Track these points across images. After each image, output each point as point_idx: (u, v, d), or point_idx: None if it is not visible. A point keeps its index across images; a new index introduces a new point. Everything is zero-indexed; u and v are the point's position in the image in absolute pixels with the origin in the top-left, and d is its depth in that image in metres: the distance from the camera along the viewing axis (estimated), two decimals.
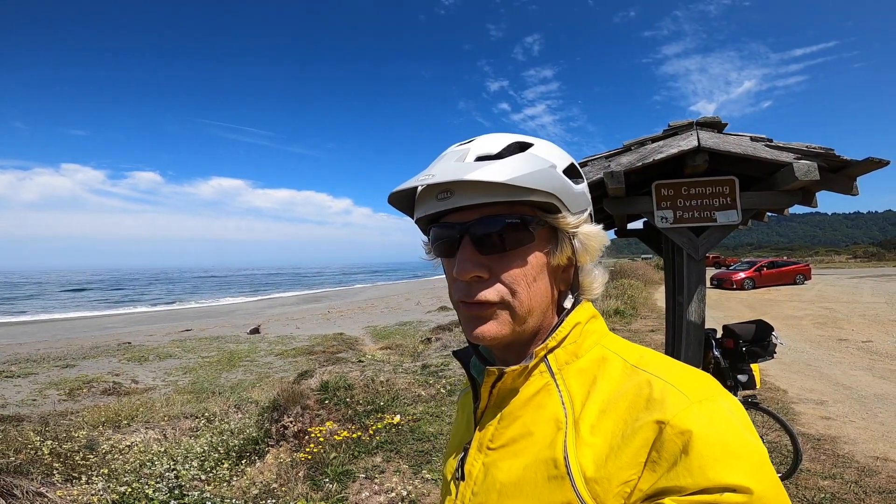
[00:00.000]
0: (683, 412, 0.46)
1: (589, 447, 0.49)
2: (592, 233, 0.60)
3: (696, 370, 0.53)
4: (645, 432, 0.46)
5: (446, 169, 0.55)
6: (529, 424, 0.56)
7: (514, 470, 0.54)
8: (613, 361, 0.56)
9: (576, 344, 0.58)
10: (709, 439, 0.44)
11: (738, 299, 16.76)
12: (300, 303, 31.64)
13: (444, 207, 0.56)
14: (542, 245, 0.58)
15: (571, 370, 0.57)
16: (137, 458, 4.01)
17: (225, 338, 14.79)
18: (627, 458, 0.46)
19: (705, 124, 2.89)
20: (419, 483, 3.52)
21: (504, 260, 0.56)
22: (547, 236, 0.58)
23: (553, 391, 0.56)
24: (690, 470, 0.43)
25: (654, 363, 0.53)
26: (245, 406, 6.03)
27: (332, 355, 10.70)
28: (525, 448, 0.55)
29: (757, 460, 0.43)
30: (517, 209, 0.56)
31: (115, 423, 5.34)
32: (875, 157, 2.35)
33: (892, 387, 5.75)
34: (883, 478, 3.51)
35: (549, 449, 0.52)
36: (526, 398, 0.58)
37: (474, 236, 0.56)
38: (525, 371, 0.58)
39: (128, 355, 11.80)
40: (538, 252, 0.57)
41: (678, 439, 0.44)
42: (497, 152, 0.57)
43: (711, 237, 3.36)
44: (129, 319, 23.92)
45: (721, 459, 0.42)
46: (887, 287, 18.08)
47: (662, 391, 0.48)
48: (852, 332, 9.41)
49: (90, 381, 8.78)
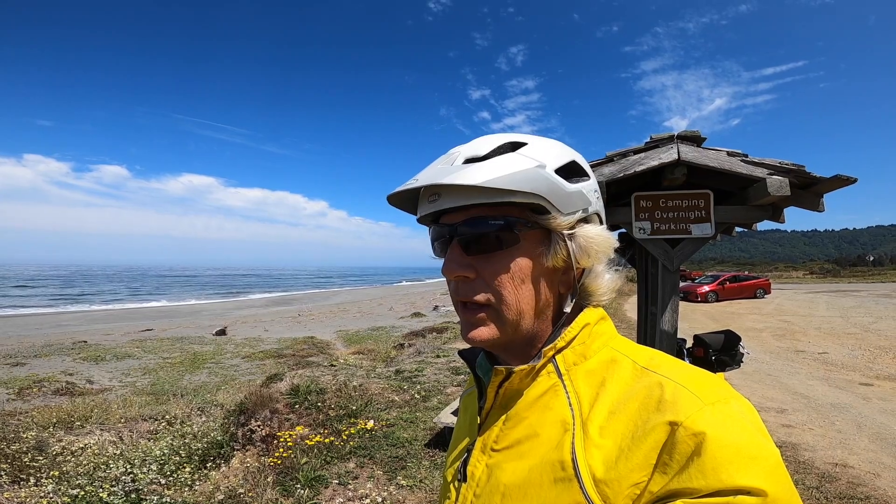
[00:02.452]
0: (696, 414, 0.45)
1: (598, 448, 0.48)
2: (594, 235, 0.58)
3: (706, 372, 0.52)
4: (656, 434, 0.46)
5: (431, 173, 0.56)
6: (536, 426, 0.55)
7: (519, 472, 0.53)
8: (623, 363, 0.55)
9: (584, 345, 0.57)
10: (722, 441, 0.43)
11: (702, 311, 17.33)
12: (270, 305, 30.91)
13: (434, 209, 0.57)
14: (531, 247, 0.57)
15: (580, 371, 0.56)
16: (91, 461, 3.80)
17: (189, 339, 14.28)
18: (638, 460, 0.46)
19: (686, 138, 2.98)
20: (394, 489, 3.46)
21: (489, 261, 0.56)
22: (539, 238, 0.57)
23: (560, 392, 0.55)
24: (703, 472, 0.42)
25: (665, 365, 0.53)
26: (209, 409, 5.82)
27: (303, 359, 10.46)
28: (531, 450, 0.54)
29: (772, 463, 0.43)
30: (503, 210, 0.56)
31: (68, 425, 5.05)
32: (843, 175, 2.46)
33: (848, 396, 6.02)
34: (843, 483, 3.65)
35: (556, 451, 0.51)
36: (533, 399, 0.57)
37: (461, 237, 0.57)
38: (533, 371, 0.57)
39: (83, 354, 11.24)
40: (526, 254, 0.56)
41: (691, 441, 0.44)
42: (484, 154, 0.56)
43: (686, 249, 3.45)
44: (86, 317, 22.82)
45: (735, 461, 0.42)
46: (842, 302, 19.02)
47: (674, 393, 0.48)
48: (809, 344, 9.84)
49: (41, 381, 8.31)
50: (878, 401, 5.79)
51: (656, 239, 3.38)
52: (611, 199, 3.29)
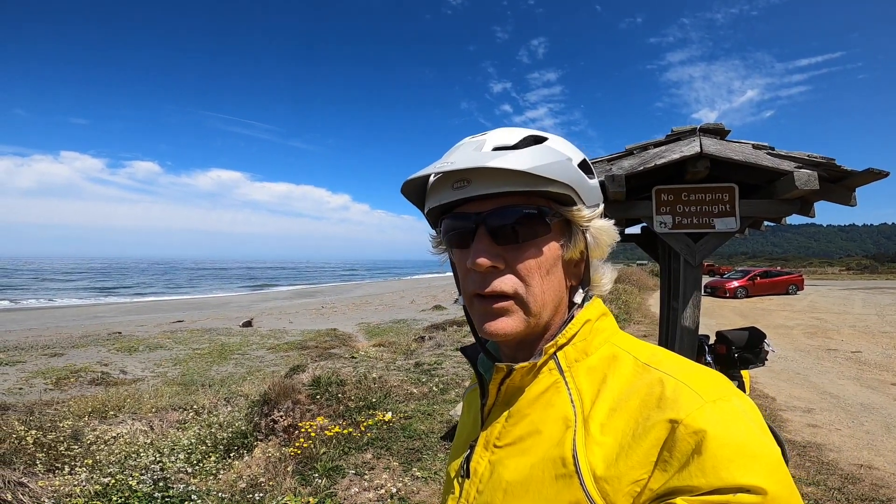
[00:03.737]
0: (697, 411, 0.45)
1: (599, 446, 0.48)
2: (604, 228, 0.60)
3: (709, 370, 0.52)
4: (657, 431, 0.45)
5: (465, 157, 0.54)
6: (537, 422, 0.55)
7: (521, 468, 0.54)
8: (624, 359, 0.55)
9: (586, 341, 0.57)
10: (723, 439, 0.43)
11: (730, 307, 16.86)
12: (294, 297, 31.53)
13: (459, 196, 0.55)
14: (556, 238, 0.57)
15: (581, 368, 0.56)
16: (122, 450, 3.96)
17: (217, 330, 14.71)
18: (638, 457, 0.46)
19: (708, 130, 2.89)
20: (409, 481, 3.50)
21: (519, 251, 0.56)
22: (561, 229, 0.58)
23: (562, 389, 0.55)
24: (703, 470, 0.42)
25: (667, 362, 0.52)
26: (235, 399, 5.98)
27: (325, 351, 10.66)
28: (532, 446, 0.54)
29: (772, 461, 0.42)
30: (533, 200, 0.56)
31: (102, 414, 5.27)
32: (875, 169, 2.36)
33: (879, 396, 5.79)
34: (866, 485, 3.54)
35: (558, 447, 0.51)
36: (534, 396, 0.57)
37: (490, 226, 0.55)
38: (534, 368, 0.57)
39: (117, 345, 11.70)
40: (553, 244, 0.57)
41: (691, 439, 0.43)
42: (514, 143, 0.56)
43: (709, 244, 3.36)
44: (120, 309, 23.74)
45: (735, 460, 0.42)
46: (878, 299, 18.23)
47: (675, 390, 0.48)
48: (842, 343, 9.48)
49: (78, 371, 8.69)
50: None
51: (678, 233, 3.30)
52: (630, 193, 3.23)
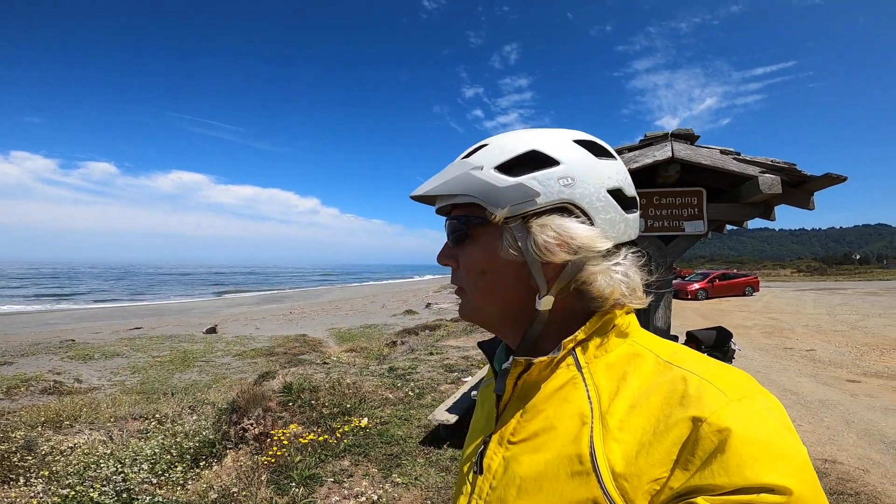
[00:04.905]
0: (721, 409, 0.44)
1: (617, 443, 0.48)
2: (555, 226, 0.54)
3: (732, 368, 0.51)
4: (679, 429, 0.45)
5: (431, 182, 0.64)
6: (553, 418, 0.54)
7: (536, 465, 0.53)
8: (645, 357, 0.54)
9: (606, 337, 0.57)
10: (748, 438, 0.42)
11: (692, 309, 17.49)
12: (260, 302, 30.69)
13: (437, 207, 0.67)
14: (489, 241, 0.60)
15: (600, 364, 0.55)
16: (81, 461, 3.75)
17: (179, 337, 14.14)
18: (659, 455, 0.45)
19: (680, 136, 2.99)
20: (390, 487, 3.45)
21: (461, 252, 0.63)
22: (495, 233, 0.58)
23: (579, 385, 0.55)
24: (727, 469, 0.41)
25: (690, 359, 0.52)
26: (201, 408, 5.76)
27: (295, 357, 10.41)
28: (547, 442, 0.53)
29: (799, 461, 0.42)
30: (464, 209, 0.62)
31: (56, 424, 4.98)
32: (833, 173, 2.49)
33: (836, 393, 6.12)
34: (832, 480, 3.70)
35: (574, 444, 0.50)
36: (551, 391, 0.56)
37: (447, 231, 0.65)
38: (552, 363, 0.56)
39: (71, 353, 11.08)
40: (483, 247, 0.60)
41: (715, 437, 0.43)
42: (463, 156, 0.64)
43: (679, 246, 3.47)
44: (73, 316, 22.50)
45: (760, 459, 0.41)
46: (828, 299, 19.31)
47: (699, 388, 0.47)
48: (797, 342, 9.97)
49: (29, 380, 8.17)
50: (865, 397, 5.89)
51: (650, 236, 3.40)
52: None
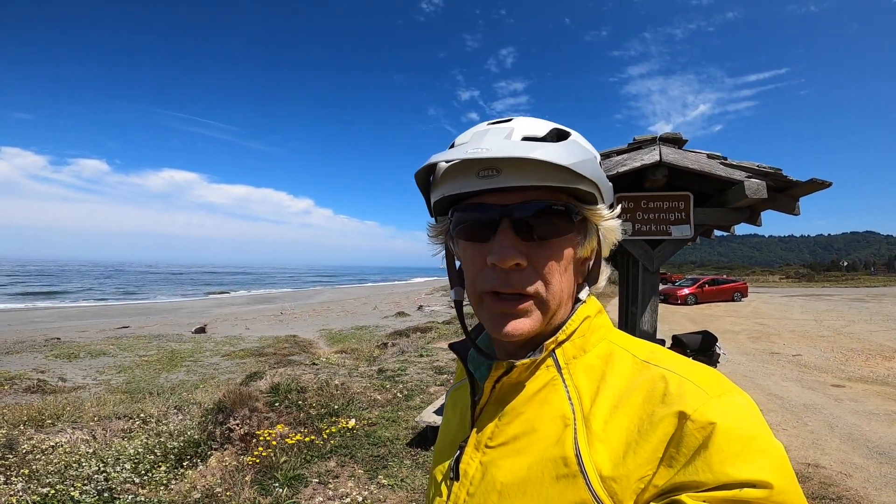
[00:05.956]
0: (704, 406, 0.44)
1: (603, 443, 0.47)
2: (614, 227, 0.59)
3: (707, 367, 0.52)
4: (664, 427, 0.45)
5: (498, 145, 0.50)
6: (533, 421, 0.53)
7: (517, 469, 0.51)
8: (622, 356, 0.54)
9: (584, 338, 0.57)
10: (730, 434, 0.43)
11: (681, 313, 17.63)
12: (251, 303, 30.46)
13: (486, 186, 0.52)
14: (575, 235, 0.56)
15: (579, 365, 0.55)
16: (62, 459, 3.69)
17: (166, 336, 13.99)
18: (646, 454, 0.45)
19: (668, 140, 3.02)
20: (375, 488, 3.43)
21: (543, 249, 0.54)
22: (579, 227, 0.56)
23: (559, 386, 0.54)
24: (710, 465, 0.42)
25: (667, 359, 0.52)
26: (187, 408, 5.69)
27: (284, 358, 10.34)
28: (528, 446, 0.52)
29: (778, 456, 0.43)
30: (559, 196, 0.54)
31: (38, 423, 4.90)
32: (818, 179, 2.53)
33: (820, 397, 6.19)
34: (815, 484, 3.73)
35: (557, 447, 0.50)
36: (530, 394, 0.55)
37: (516, 221, 0.53)
38: (533, 365, 0.55)
39: (56, 352, 10.93)
40: (571, 242, 0.56)
41: (699, 434, 0.43)
42: (542, 136, 0.53)
43: (666, 250, 3.50)
44: (59, 314, 22.19)
45: (742, 455, 0.42)
46: (815, 305, 19.55)
47: (679, 386, 0.47)
48: (783, 346, 10.08)
49: (12, 378, 8.05)
50: (850, 402, 5.96)
51: (637, 240, 3.42)
52: None
